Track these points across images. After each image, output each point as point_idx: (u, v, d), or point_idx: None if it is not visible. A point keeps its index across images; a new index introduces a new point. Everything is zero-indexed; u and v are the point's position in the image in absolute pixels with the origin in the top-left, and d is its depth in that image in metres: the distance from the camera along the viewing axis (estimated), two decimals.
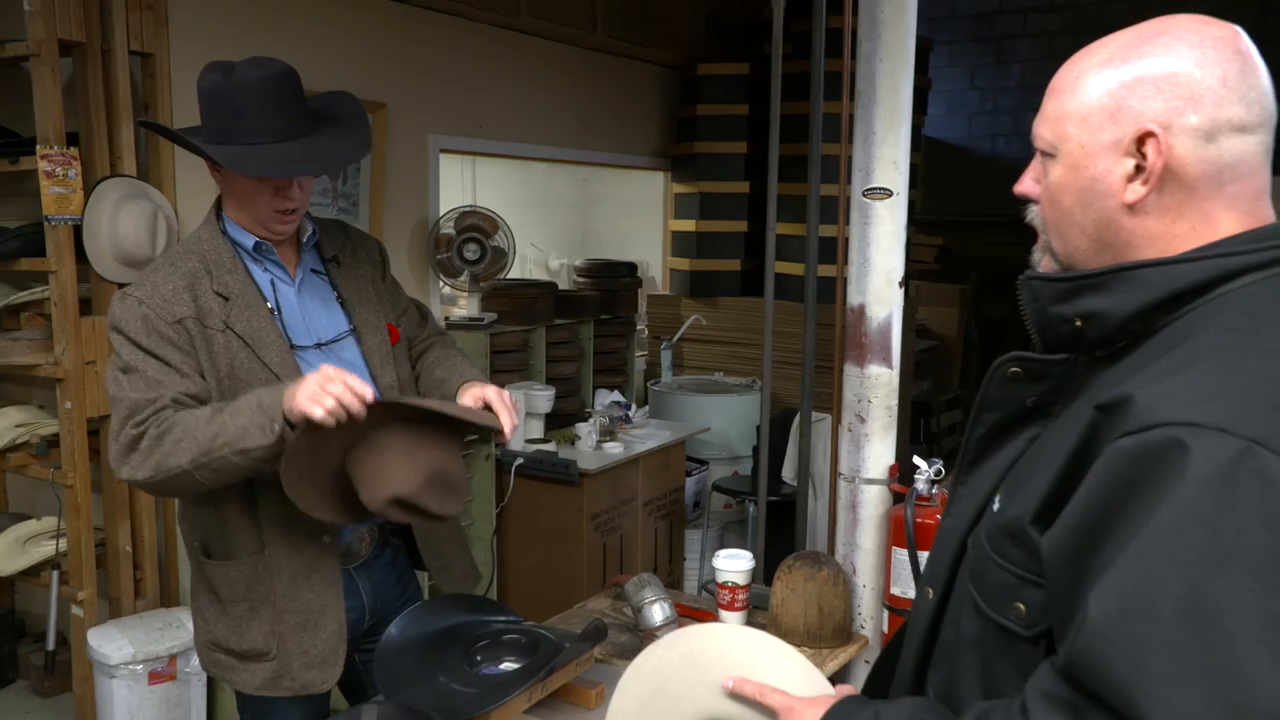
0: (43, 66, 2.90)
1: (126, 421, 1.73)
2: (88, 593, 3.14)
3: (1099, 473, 0.88)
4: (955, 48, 7.55)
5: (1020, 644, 0.99)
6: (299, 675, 1.85)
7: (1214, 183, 0.96)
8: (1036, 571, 0.96)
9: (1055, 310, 1.02)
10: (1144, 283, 0.97)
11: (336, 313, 1.98)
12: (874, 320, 2.23)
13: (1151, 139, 0.95)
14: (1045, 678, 0.89)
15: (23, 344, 3.12)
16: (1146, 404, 0.87)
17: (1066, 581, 0.90)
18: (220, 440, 1.65)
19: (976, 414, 1.14)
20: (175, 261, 1.84)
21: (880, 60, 2.18)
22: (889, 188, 2.18)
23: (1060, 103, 1.02)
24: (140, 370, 1.75)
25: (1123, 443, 0.86)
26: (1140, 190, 0.97)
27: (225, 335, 1.80)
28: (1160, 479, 0.83)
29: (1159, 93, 0.95)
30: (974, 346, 6.38)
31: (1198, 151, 0.95)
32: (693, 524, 4.39)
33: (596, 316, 4.79)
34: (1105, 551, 0.85)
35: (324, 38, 3.72)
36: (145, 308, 1.77)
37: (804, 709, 1.16)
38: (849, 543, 2.29)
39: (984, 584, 1.04)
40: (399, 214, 4.14)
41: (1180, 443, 0.82)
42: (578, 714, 1.87)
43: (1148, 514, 0.83)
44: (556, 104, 4.92)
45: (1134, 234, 1.00)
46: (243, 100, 1.78)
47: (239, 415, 1.66)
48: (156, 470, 1.70)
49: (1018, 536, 0.98)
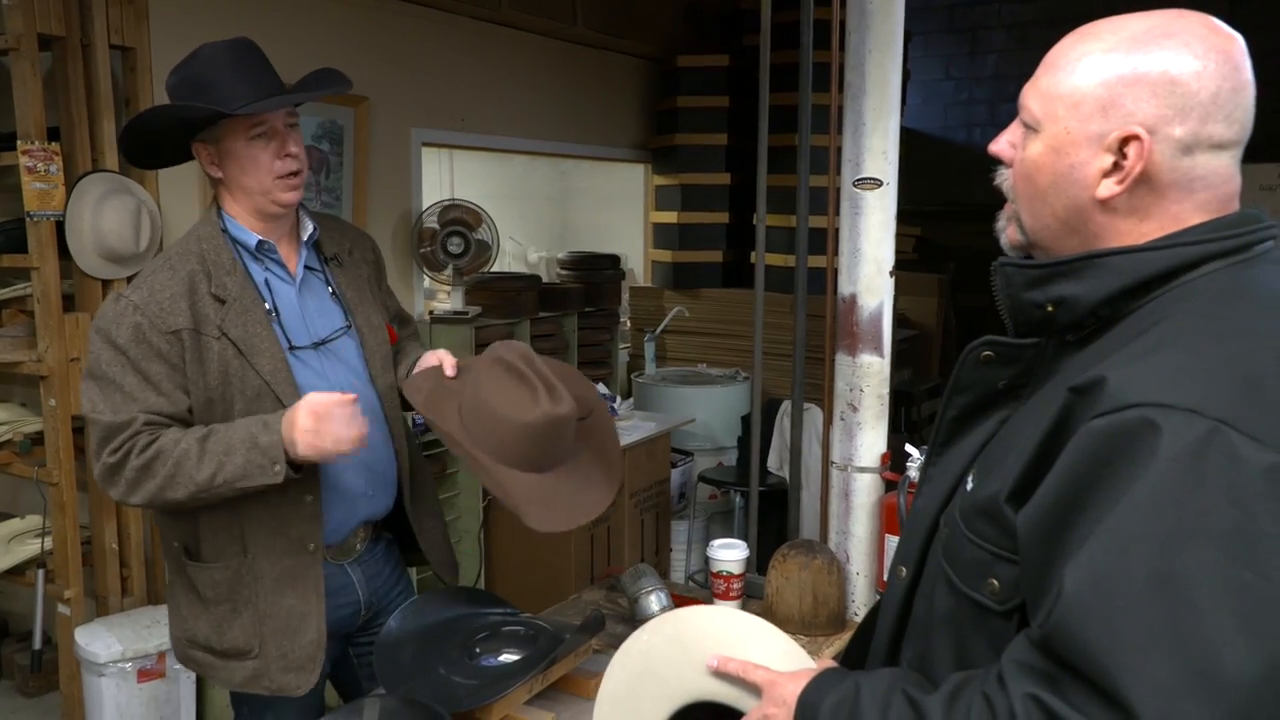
0: (22, 61, 2.87)
1: (103, 446, 1.72)
2: (74, 591, 3.12)
3: (1073, 452, 0.91)
4: (930, 38, 7.58)
5: (993, 619, 1.03)
6: (276, 677, 1.84)
7: (1184, 190, 0.99)
8: (1009, 548, 0.99)
9: (1028, 296, 1.05)
10: (1113, 269, 1.00)
11: (334, 311, 1.96)
12: (865, 310, 2.24)
13: (1135, 142, 0.98)
14: (1021, 649, 0.93)
15: (5, 341, 3.09)
16: (1119, 386, 0.90)
17: (1041, 557, 0.93)
18: (219, 479, 1.68)
19: (949, 396, 1.17)
20: (174, 264, 1.81)
21: (869, 51, 2.19)
22: (879, 178, 2.19)
23: (1056, 80, 1.03)
24: (115, 382, 1.73)
25: (1096, 423, 0.90)
26: (1114, 188, 1.00)
27: (220, 342, 1.78)
28: (1133, 457, 0.86)
29: (1154, 96, 0.97)
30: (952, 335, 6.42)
31: (1173, 161, 0.98)
32: (679, 515, 4.40)
33: (580, 309, 4.79)
34: (1079, 527, 0.89)
35: (305, 31, 3.70)
36: (140, 315, 1.73)
37: (786, 682, 1.19)
38: (842, 531, 2.31)
39: (958, 560, 1.07)
40: (382, 208, 4.13)
41: (1152, 422, 0.86)
42: (577, 704, 1.88)
43: (1120, 491, 0.86)
44: (537, 97, 4.91)
45: (1103, 228, 1.02)
46: (212, 72, 1.77)
47: (234, 454, 1.68)
48: (151, 501, 1.72)
49: (992, 514, 1.02)
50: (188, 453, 1.68)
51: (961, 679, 1.00)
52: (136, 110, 3.17)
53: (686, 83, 5.28)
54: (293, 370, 1.83)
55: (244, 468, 1.67)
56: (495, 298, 4.28)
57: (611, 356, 5.17)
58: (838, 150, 2.32)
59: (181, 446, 1.69)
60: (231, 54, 1.80)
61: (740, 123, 5.28)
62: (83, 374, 1.78)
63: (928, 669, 1.11)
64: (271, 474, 1.67)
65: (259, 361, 1.79)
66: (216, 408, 1.78)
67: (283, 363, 1.82)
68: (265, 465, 1.67)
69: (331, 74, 1.92)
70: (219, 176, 1.85)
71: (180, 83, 1.80)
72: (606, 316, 5.06)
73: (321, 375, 1.88)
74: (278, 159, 1.81)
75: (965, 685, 0.98)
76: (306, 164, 1.88)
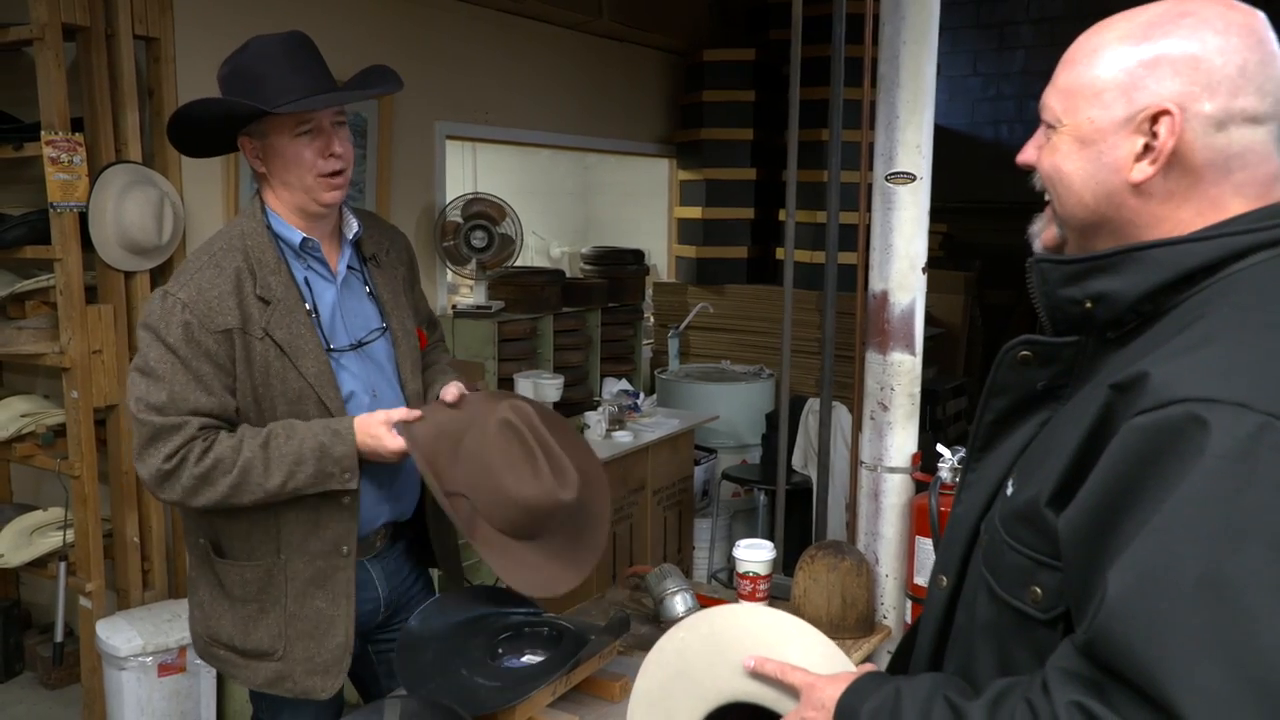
0: (46, 51, 2.86)
1: (153, 448, 1.69)
2: (96, 584, 3.11)
3: (1116, 451, 0.88)
4: (958, 34, 7.51)
5: (1036, 628, 0.99)
6: (300, 680, 1.82)
7: (1220, 170, 0.96)
8: (1052, 554, 0.96)
9: (1065, 293, 1.02)
10: (1154, 263, 0.96)
11: (371, 313, 1.94)
12: (897, 307, 2.20)
13: (1166, 117, 0.95)
14: (1066, 655, 0.89)
15: (28, 333, 3.08)
16: (1163, 381, 0.87)
17: (1084, 561, 0.89)
18: (290, 487, 1.72)
19: (986, 399, 1.14)
20: (220, 260, 1.77)
21: (904, 43, 2.15)
22: (913, 172, 2.15)
23: (1074, 75, 1.02)
24: (165, 380, 1.70)
25: (1140, 420, 0.86)
26: (1148, 170, 0.97)
27: (263, 342, 1.76)
28: (1179, 455, 0.83)
29: (1177, 75, 0.95)
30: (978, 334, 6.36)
31: (1206, 139, 0.95)
32: (701, 513, 4.36)
33: (604, 304, 4.76)
34: (1124, 529, 0.85)
35: (330, 24, 3.68)
36: (189, 313, 1.71)
37: (825, 685, 1.16)
38: (871, 532, 2.27)
39: (999, 568, 1.04)
40: (405, 201, 4.11)
41: (1199, 418, 0.83)
42: (601, 707, 1.85)
43: (1167, 490, 0.83)
44: (562, 90, 4.89)
45: (1137, 214, 0.99)
46: (263, 65, 1.74)
47: (304, 464, 1.71)
48: (214, 506, 1.73)
49: (1033, 520, 0.98)
50: (252, 462, 1.69)
51: (1005, 685, 0.96)
52: (160, 101, 3.16)
53: (712, 77, 5.24)
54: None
55: (316, 477, 1.72)
56: (519, 292, 4.25)
57: (635, 352, 5.14)
58: (869, 145, 2.28)
59: (245, 455, 1.69)
60: (284, 48, 1.77)
61: (766, 117, 5.23)
62: (130, 369, 1.76)
63: (970, 680, 1.07)
64: (343, 481, 1.73)
65: (303, 364, 1.77)
66: (257, 407, 1.76)
67: (326, 365, 1.80)
68: (336, 474, 1.73)
69: (383, 72, 1.89)
70: (263, 171, 1.82)
71: (231, 74, 1.78)
72: (630, 312, 5.03)
73: (357, 377, 1.86)
74: (322, 158, 1.79)
75: (1009, 692, 0.95)
76: (352, 163, 1.85)
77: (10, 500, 3.61)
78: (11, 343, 3.08)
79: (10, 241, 3.03)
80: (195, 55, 3.25)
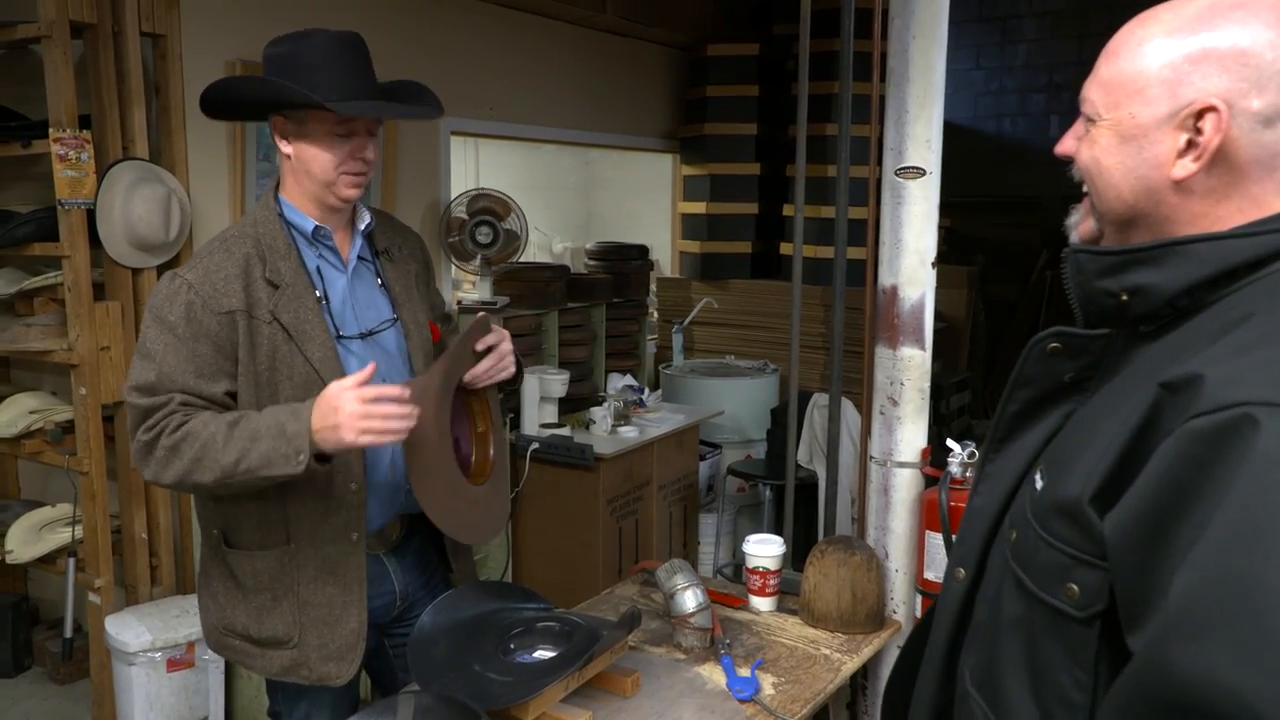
0: (54, 48, 2.86)
1: (139, 425, 1.72)
2: (104, 580, 3.12)
3: (1170, 454, 0.85)
4: (961, 28, 7.49)
5: (1071, 625, 0.96)
6: (316, 667, 1.84)
7: (1265, 168, 0.94)
8: (1092, 552, 0.93)
9: (1100, 284, 1.00)
10: (1196, 258, 0.94)
11: (382, 303, 1.95)
12: (907, 301, 2.20)
13: (1212, 114, 0.93)
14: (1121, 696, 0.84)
15: (36, 329, 3.09)
16: (1219, 383, 0.84)
17: (1136, 566, 0.86)
18: (242, 466, 1.65)
19: (1011, 390, 1.12)
20: (230, 246, 1.80)
21: (913, 37, 2.15)
22: (923, 166, 2.15)
23: (1117, 68, 0.99)
24: (156, 359, 1.72)
25: (1195, 423, 0.83)
26: (1191, 167, 0.95)
27: (270, 326, 1.77)
28: (1239, 458, 0.80)
29: (1224, 71, 0.92)
30: (981, 328, 6.35)
31: (1253, 135, 0.92)
32: (707, 508, 4.37)
33: (608, 300, 4.76)
34: (1181, 536, 0.82)
35: (335, 20, 3.65)
36: (193, 293, 1.73)
37: None
38: (881, 527, 2.27)
39: (1031, 563, 1.00)
40: (410, 197, 4.11)
41: (1258, 423, 0.80)
42: (613, 702, 1.85)
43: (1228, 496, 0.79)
44: (566, 86, 4.88)
45: (1176, 210, 0.97)
46: (320, 58, 1.77)
47: (259, 440, 1.65)
48: (180, 482, 1.70)
49: (1073, 515, 0.95)
50: (215, 436, 1.66)
51: None
52: (167, 98, 3.16)
53: (716, 72, 5.23)
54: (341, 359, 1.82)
55: (268, 455, 1.63)
56: (523, 288, 4.25)
57: (639, 348, 5.14)
58: (878, 139, 2.28)
59: (210, 429, 1.67)
60: (341, 46, 1.80)
61: (770, 112, 5.23)
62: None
63: (994, 677, 1.05)
64: (294, 464, 1.63)
65: (309, 348, 1.78)
66: (263, 392, 1.77)
67: (332, 350, 1.81)
68: (289, 455, 1.63)
69: (424, 93, 1.94)
70: (288, 153, 1.83)
71: (281, 56, 1.79)
72: (635, 307, 5.03)
73: (366, 365, 1.85)
74: (350, 158, 1.81)
75: None
76: (374, 170, 1.89)
77: (19, 496, 3.62)
78: (20, 339, 3.08)
79: (19, 238, 3.03)
80: (202, 52, 3.25)
